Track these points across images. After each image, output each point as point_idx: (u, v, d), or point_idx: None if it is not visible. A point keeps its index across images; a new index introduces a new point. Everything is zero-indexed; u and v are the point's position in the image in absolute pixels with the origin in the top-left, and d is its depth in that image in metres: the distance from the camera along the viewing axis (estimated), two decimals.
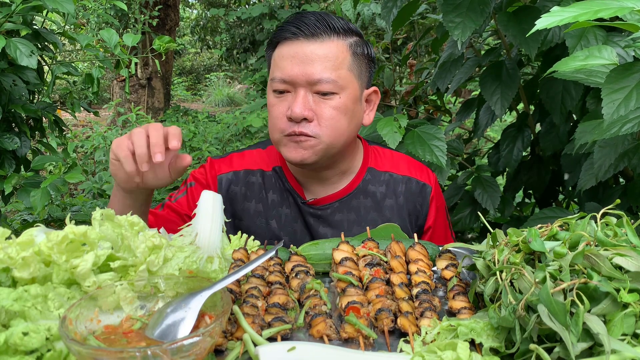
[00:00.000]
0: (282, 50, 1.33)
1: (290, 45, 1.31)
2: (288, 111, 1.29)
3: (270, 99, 1.36)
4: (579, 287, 0.69)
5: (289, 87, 1.31)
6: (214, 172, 1.51)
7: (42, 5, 1.76)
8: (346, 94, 1.32)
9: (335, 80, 1.29)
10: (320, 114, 1.30)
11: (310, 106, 1.29)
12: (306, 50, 1.29)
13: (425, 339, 0.80)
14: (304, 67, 1.28)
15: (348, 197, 1.46)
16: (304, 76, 1.28)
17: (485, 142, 3.37)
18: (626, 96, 1.01)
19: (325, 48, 1.30)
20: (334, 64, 1.30)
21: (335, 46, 1.31)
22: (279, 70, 1.31)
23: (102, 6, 4.18)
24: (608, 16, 0.91)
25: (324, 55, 1.29)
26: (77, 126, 7.97)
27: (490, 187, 2.05)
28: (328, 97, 1.30)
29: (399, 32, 3.99)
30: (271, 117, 1.36)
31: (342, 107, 1.31)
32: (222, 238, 1.02)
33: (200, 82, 14.31)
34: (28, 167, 2.00)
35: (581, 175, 1.45)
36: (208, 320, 0.73)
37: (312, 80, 1.28)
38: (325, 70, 1.28)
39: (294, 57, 1.29)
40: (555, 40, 1.68)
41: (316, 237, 1.44)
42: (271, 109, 1.35)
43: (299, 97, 1.29)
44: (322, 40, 1.31)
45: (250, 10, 7.71)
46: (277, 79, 1.31)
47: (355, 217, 1.45)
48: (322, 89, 1.28)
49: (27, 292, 0.74)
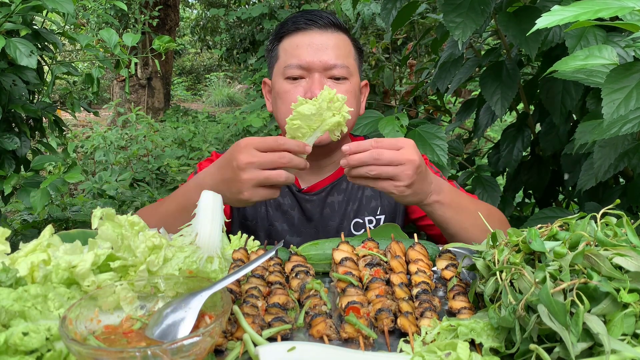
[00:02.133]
0: (295, 40, 1.45)
1: (304, 36, 1.44)
2: (307, 93, 1.39)
3: (282, 85, 1.45)
4: (579, 287, 0.69)
5: (304, 72, 1.42)
6: None
7: (41, 5, 1.76)
8: (354, 80, 1.47)
9: (347, 66, 1.44)
10: None
11: None
12: (321, 40, 1.43)
13: (425, 339, 0.80)
14: (320, 54, 1.41)
15: (338, 180, 1.56)
16: (320, 62, 1.41)
17: (485, 142, 3.37)
18: (626, 96, 1.01)
19: (335, 39, 1.45)
20: (344, 53, 1.45)
21: (343, 39, 1.47)
22: (295, 57, 1.42)
23: (102, 6, 4.18)
24: (608, 16, 0.91)
25: (335, 45, 1.44)
26: (77, 126, 7.97)
27: (490, 187, 2.05)
28: (341, 82, 1.44)
29: (399, 32, 3.99)
30: (285, 102, 1.43)
31: (352, 91, 1.46)
32: (222, 238, 1.02)
33: (200, 82, 14.32)
34: (28, 167, 2.00)
35: (581, 175, 1.44)
36: (208, 320, 0.73)
37: (328, 65, 1.41)
38: (338, 57, 1.43)
39: (309, 46, 1.42)
40: (555, 40, 1.68)
41: (312, 220, 1.55)
42: (285, 95, 1.44)
43: (316, 81, 1.40)
44: (333, 32, 1.46)
45: (250, 11, 7.71)
46: (293, 66, 1.42)
47: (345, 197, 1.55)
48: (336, 73, 1.42)
49: (27, 292, 0.74)
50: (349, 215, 1.54)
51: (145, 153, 5.31)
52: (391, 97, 3.92)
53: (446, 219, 1.26)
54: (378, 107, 3.69)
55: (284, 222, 1.54)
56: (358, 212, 1.54)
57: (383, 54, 4.22)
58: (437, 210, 1.24)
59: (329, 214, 1.53)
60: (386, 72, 3.71)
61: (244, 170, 1.11)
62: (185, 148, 5.75)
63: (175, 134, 6.14)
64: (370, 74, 4.12)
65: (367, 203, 1.56)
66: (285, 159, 1.10)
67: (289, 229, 1.54)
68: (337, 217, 1.54)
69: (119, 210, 3.81)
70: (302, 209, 1.55)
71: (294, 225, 1.54)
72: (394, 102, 3.86)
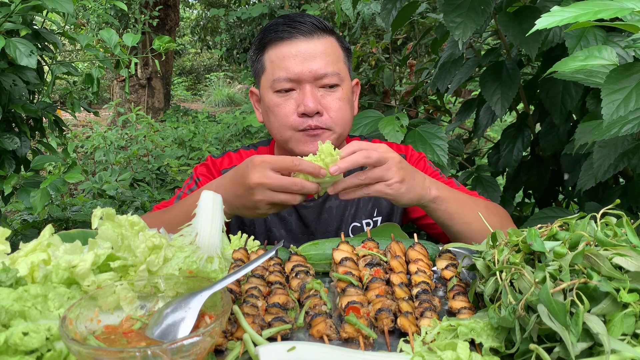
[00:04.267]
0: (280, 51, 1.36)
1: (289, 45, 1.35)
2: (300, 107, 1.34)
3: (272, 99, 1.38)
4: (579, 287, 0.69)
5: (294, 85, 1.35)
6: (216, 167, 1.55)
7: (41, 5, 1.76)
8: (346, 85, 1.40)
9: (338, 72, 1.37)
10: (329, 106, 1.36)
11: (318, 100, 1.35)
12: (307, 48, 1.34)
13: (425, 338, 0.80)
14: (309, 64, 1.34)
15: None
16: (310, 72, 1.34)
17: (485, 142, 3.37)
18: (626, 97, 1.01)
19: (323, 45, 1.37)
20: (333, 59, 1.37)
21: (330, 43, 1.39)
22: (282, 70, 1.35)
23: (102, 6, 4.18)
24: (608, 17, 0.91)
25: (323, 51, 1.36)
26: (77, 126, 7.97)
27: (491, 187, 2.06)
28: (333, 90, 1.37)
29: (399, 32, 3.99)
30: (277, 116, 1.38)
31: (345, 97, 1.39)
32: (222, 238, 1.02)
33: (200, 82, 14.32)
34: (28, 167, 1.99)
35: (581, 175, 1.44)
36: (208, 320, 0.73)
37: (318, 75, 1.34)
38: (328, 65, 1.35)
39: (296, 56, 1.34)
40: (555, 41, 1.68)
41: (310, 226, 1.51)
42: (276, 109, 1.38)
43: (308, 93, 1.34)
44: (319, 38, 1.37)
45: (250, 11, 7.71)
46: (282, 79, 1.35)
47: (343, 202, 1.51)
48: (327, 82, 1.35)
49: (27, 292, 0.74)
50: (347, 220, 1.52)
51: (145, 153, 5.31)
52: (391, 97, 3.92)
53: (451, 214, 1.23)
54: (378, 107, 3.69)
55: (281, 228, 1.52)
56: (355, 216, 1.53)
57: (383, 54, 4.22)
58: (440, 205, 1.21)
59: (327, 219, 1.51)
60: (386, 72, 3.71)
61: (256, 190, 1.09)
62: (185, 148, 5.76)
63: (175, 134, 6.14)
64: (370, 74, 4.12)
65: (364, 206, 1.54)
66: (297, 186, 1.07)
67: (287, 234, 1.52)
68: (335, 222, 1.52)
69: (119, 210, 3.81)
70: (299, 215, 1.52)
71: (292, 231, 1.52)
72: (394, 102, 3.86)
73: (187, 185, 1.53)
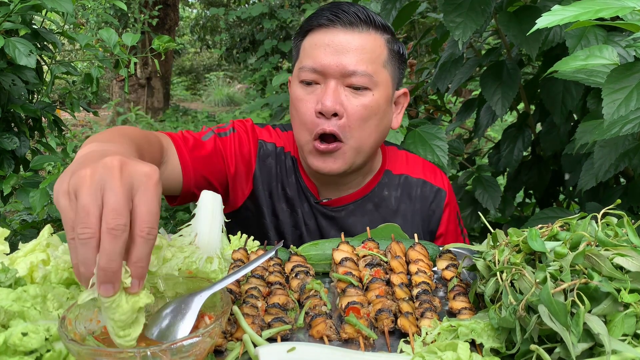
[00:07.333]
0: (314, 38, 1.24)
1: (325, 33, 1.23)
2: (318, 105, 1.21)
3: (296, 91, 1.27)
4: (580, 287, 0.69)
5: (319, 77, 1.22)
6: (255, 135, 1.40)
7: (40, 4, 1.75)
8: (379, 92, 1.23)
9: (371, 74, 1.21)
10: (350, 111, 1.21)
11: (340, 100, 1.21)
12: (342, 39, 1.21)
13: (425, 339, 0.80)
14: (338, 57, 1.19)
15: (363, 200, 1.39)
16: (337, 66, 1.19)
17: (485, 142, 3.37)
18: (627, 96, 1.01)
19: (362, 39, 1.22)
20: (370, 57, 1.21)
21: (373, 39, 1.23)
22: (310, 58, 1.23)
23: (101, 6, 4.18)
24: (609, 16, 0.91)
25: (360, 47, 1.21)
26: (77, 126, 7.96)
27: (491, 187, 2.06)
28: (360, 93, 1.21)
29: (399, 32, 3.99)
30: (298, 112, 1.26)
31: (374, 105, 1.22)
32: (221, 238, 1.02)
33: (200, 82, 14.30)
34: (27, 167, 1.99)
35: (582, 175, 1.44)
36: (208, 320, 0.73)
37: (345, 72, 1.19)
38: (360, 63, 1.20)
39: (328, 46, 1.21)
40: (555, 40, 1.68)
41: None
42: (298, 104, 1.26)
43: (329, 90, 1.20)
44: (360, 31, 1.22)
45: (250, 10, 7.72)
46: (307, 68, 1.23)
47: (369, 222, 1.36)
48: (355, 82, 1.20)
49: (26, 292, 0.74)
50: None
51: None
52: None
53: None
54: None
55: (297, 230, 1.40)
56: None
57: None
58: None
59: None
60: None
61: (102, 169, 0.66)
62: None
63: None
64: None
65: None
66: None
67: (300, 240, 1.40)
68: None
69: None
70: (317, 223, 1.38)
71: (305, 240, 1.38)
72: None
73: (219, 128, 1.38)
